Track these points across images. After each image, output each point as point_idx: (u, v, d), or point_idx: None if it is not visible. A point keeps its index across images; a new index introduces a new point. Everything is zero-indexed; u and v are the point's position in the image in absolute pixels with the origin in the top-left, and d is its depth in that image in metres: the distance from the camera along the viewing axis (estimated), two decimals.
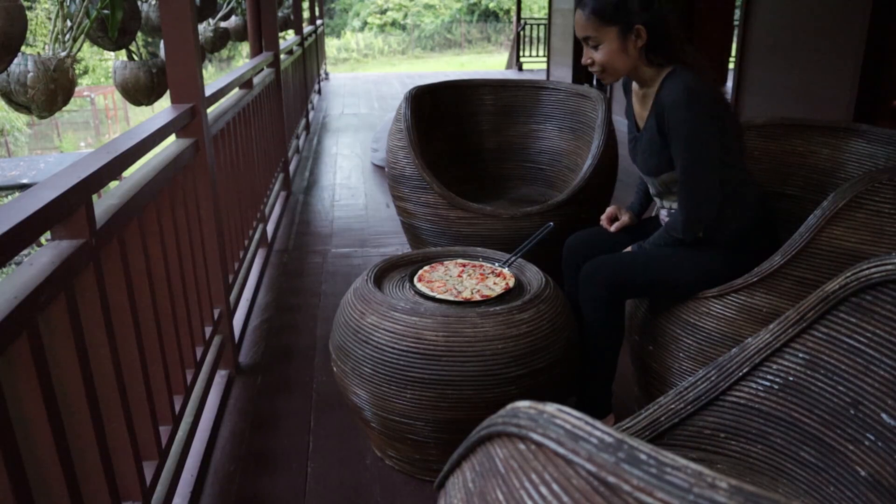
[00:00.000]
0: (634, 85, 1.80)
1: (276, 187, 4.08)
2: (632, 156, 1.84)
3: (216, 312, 2.16)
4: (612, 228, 1.96)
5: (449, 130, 3.01)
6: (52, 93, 1.83)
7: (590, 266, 1.75)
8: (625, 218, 1.96)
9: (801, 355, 1.12)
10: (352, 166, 5.34)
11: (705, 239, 1.72)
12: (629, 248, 1.83)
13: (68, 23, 2.04)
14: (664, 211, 1.85)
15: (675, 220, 1.70)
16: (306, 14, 9.42)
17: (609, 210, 2.01)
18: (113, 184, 1.49)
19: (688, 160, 1.62)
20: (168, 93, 2.08)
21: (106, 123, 15.90)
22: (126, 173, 1.56)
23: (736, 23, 7.34)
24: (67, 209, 1.13)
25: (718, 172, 1.63)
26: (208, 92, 2.18)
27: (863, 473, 1.01)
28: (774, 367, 1.14)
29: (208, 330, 2.05)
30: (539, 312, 1.62)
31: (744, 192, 1.72)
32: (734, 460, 1.18)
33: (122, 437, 1.30)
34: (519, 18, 12.88)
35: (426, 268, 1.86)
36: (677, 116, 1.59)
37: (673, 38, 1.65)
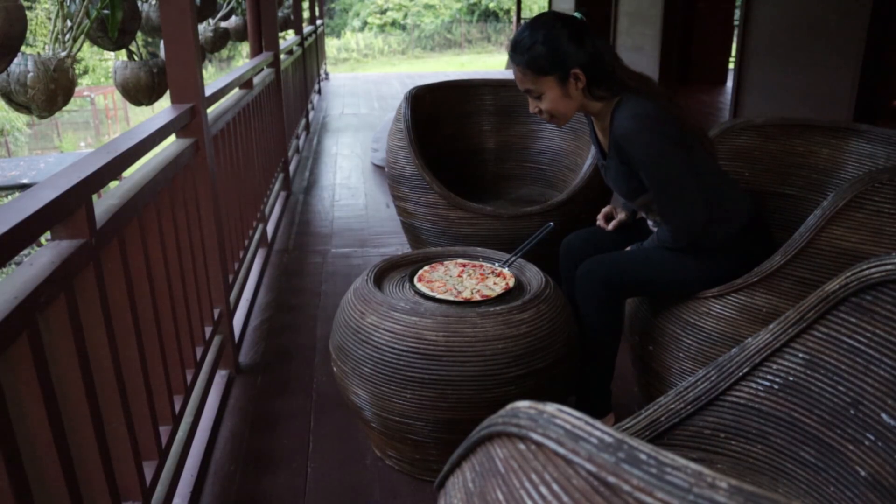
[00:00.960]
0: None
1: (276, 187, 4.09)
2: (605, 181, 1.85)
3: (216, 312, 2.16)
4: (609, 227, 1.96)
5: (449, 130, 3.01)
6: (52, 93, 1.83)
7: (586, 265, 1.75)
8: (621, 216, 1.96)
9: (801, 355, 1.12)
10: (352, 166, 5.34)
11: (699, 243, 1.72)
12: (628, 249, 1.83)
13: (68, 23, 2.04)
14: (651, 222, 1.85)
15: (665, 233, 1.70)
16: (306, 14, 9.42)
17: (605, 209, 2.01)
18: (113, 184, 1.49)
19: (659, 183, 1.62)
20: (168, 93, 2.08)
21: (106, 123, 15.90)
22: (126, 173, 1.56)
23: (736, 23, 7.34)
24: (67, 209, 1.13)
25: (693, 183, 1.62)
26: (208, 92, 2.18)
27: (863, 473, 1.01)
28: (774, 367, 1.14)
29: (208, 330, 2.05)
30: (539, 312, 1.62)
31: (727, 195, 1.72)
32: (734, 460, 1.18)
33: (122, 437, 1.30)
34: (519, 18, 12.89)
35: (426, 268, 1.86)
36: (633, 145, 1.60)
37: (611, 69, 1.65)
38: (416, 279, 1.79)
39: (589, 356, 1.78)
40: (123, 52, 2.44)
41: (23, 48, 1.58)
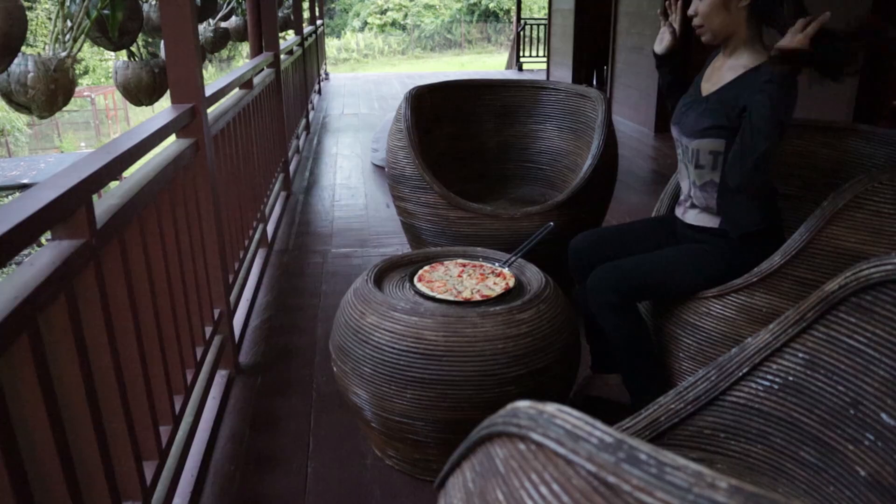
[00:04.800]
0: (718, 58, 1.77)
1: (277, 187, 4.08)
2: (676, 117, 1.81)
3: (216, 312, 2.16)
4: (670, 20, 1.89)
5: (449, 130, 3.01)
6: (53, 93, 1.83)
7: (596, 275, 1.75)
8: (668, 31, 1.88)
9: (800, 355, 1.12)
10: (352, 166, 5.34)
11: (722, 232, 1.72)
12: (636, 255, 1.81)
13: (69, 23, 2.04)
14: (684, 193, 1.82)
15: (735, 171, 1.59)
16: (306, 14, 9.42)
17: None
18: (113, 184, 1.49)
19: (761, 130, 1.53)
20: (168, 93, 2.08)
21: (106, 123, 15.90)
22: (126, 173, 1.56)
23: None
24: (68, 209, 1.13)
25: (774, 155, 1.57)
26: (208, 92, 2.18)
27: (862, 473, 1.01)
28: (774, 367, 1.14)
29: (208, 330, 2.05)
30: (539, 312, 1.62)
31: (771, 192, 1.73)
32: (734, 460, 1.18)
33: (122, 437, 1.30)
34: (519, 18, 12.88)
35: (426, 268, 1.86)
36: (768, 92, 1.53)
37: (782, 11, 1.59)
38: (416, 279, 1.79)
39: (623, 366, 1.78)
40: (124, 52, 2.45)
41: (23, 48, 1.58)
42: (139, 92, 2.43)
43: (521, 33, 12.75)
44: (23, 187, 7.23)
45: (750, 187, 1.59)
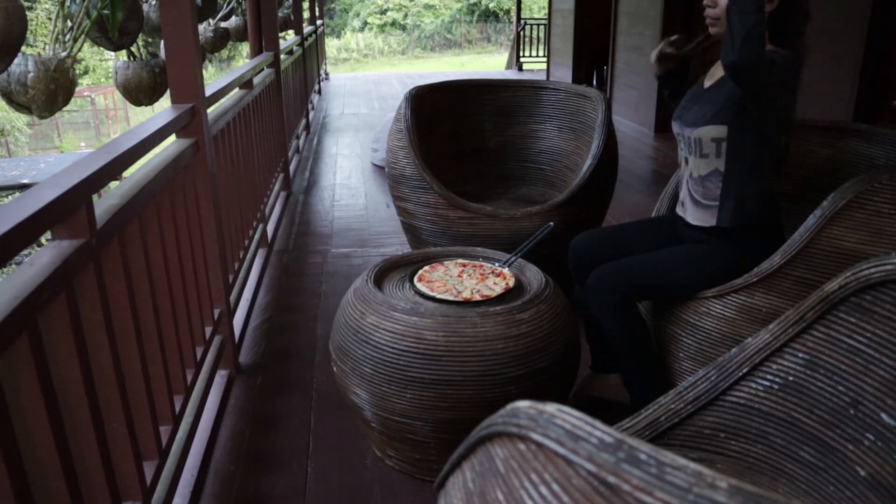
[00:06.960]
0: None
1: (277, 187, 4.08)
2: (678, 112, 1.81)
3: (216, 312, 2.16)
4: (656, 57, 1.90)
5: (449, 130, 3.01)
6: (53, 93, 1.83)
7: (596, 275, 1.75)
8: (668, 49, 1.88)
9: (800, 355, 1.12)
10: (352, 166, 5.34)
11: (722, 231, 1.72)
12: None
13: (69, 23, 2.04)
14: (683, 192, 1.82)
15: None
16: (306, 14, 9.42)
17: (660, 48, 1.92)
18: (113, 184, 1.49)
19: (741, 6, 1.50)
20: (168, 93, 2.08)
21: (106, 123, 15.90)
22: (126, 173, 1.56)
23: None
24: (68, 209, 1.13)
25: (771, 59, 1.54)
26: (208, 92, 2.18)
27: (862, 473, 1.01)
28: (774, 367, 1.14)
29: (208, 330, 2.04)
30: (539, 312, 1.62)
31: (769, 188, 1.73)
32: (734, 460, 1.18)
33: (122, 437, 1.30)
34: (519, 18, 12.88)
35: (426, 268, 1.86)
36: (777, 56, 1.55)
37: (800, 19, 1.61)
38: (416, 279, 1.79)
39: (623, 366, 1.78)
40: (124, 52, 2.44)
41: (23, 48, 1.58)
42: (139, 92, 2.43)
43: (521, 33, 12.75)
44: (23, 187, 7.24)
45: (739, 62, 1.51)
